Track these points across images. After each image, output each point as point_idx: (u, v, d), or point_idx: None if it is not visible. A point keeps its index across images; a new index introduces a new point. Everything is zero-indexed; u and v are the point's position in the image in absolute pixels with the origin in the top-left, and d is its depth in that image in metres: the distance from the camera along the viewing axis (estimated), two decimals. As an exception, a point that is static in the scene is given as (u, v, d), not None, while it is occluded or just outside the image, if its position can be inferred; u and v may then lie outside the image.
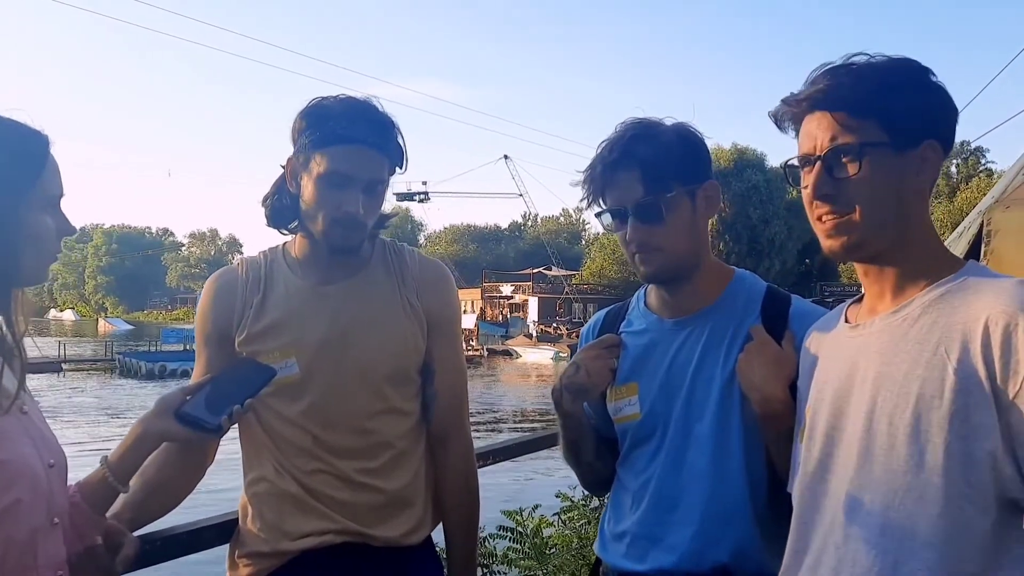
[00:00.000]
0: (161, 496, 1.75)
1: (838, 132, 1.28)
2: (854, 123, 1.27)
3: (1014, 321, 1.13)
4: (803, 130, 1.34)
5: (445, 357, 1.91)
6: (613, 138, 1.66)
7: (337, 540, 1.76)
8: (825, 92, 1.29)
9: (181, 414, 1.58)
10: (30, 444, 1.29)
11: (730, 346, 1.66)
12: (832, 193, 1.30)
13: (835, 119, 1.29)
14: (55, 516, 1.33)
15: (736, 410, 1.62)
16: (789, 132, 1.39)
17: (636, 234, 1.65)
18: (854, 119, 1.28)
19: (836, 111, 1.29)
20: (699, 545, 1.61)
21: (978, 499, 1.15)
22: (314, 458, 1.76)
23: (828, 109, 1.29)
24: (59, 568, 1.34)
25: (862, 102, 1.27)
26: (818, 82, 1.31)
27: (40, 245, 1.31)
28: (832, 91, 1.29)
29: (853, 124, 1.27)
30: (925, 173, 1.30)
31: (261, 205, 1.89)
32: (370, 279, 1.86)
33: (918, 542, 1.18)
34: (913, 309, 1.27)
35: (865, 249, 1.32)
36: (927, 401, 1.18)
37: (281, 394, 1.78)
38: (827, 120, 1.30)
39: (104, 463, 1.52)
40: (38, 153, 1.31)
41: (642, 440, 1.73)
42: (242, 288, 1.85)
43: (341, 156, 1.72)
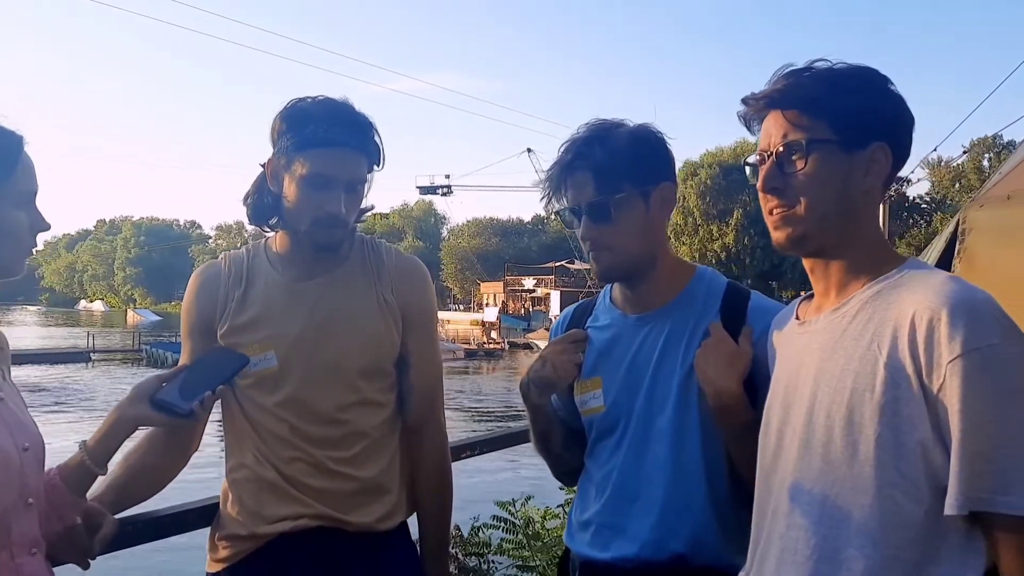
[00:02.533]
0: (144, 480, 1.82)
1: (790, 130, 1.33)
2: (806, 121, 1.32)
3: (937, 316, 1.17)
4: (762, 128, 1.39)
5: (420, 351, 1.97)
6: (570, 140, 1.71)
7: (312, 524, 1.82)
8: (781, 92, 1.35)
9: (155, 400, 1.64)
10: (4, 429, 1.36)
11: (689, 342, 1.70)
12: (780, 187, 1.35)
13: (787, 117, 1.34)
14: (29, 497, 1.40)
15: (694, 404, 1.67)
16: (756, 131, 1.44)
17: (588, 232, 1.70)
18: (806, 118, 1.32)
19: (789, 109, 1.34)
20: (658, 535, 1.66)
21: (910, 488, 1.19)
22: (291, 446, 1.83)
23: (782, 108, 1.35)
24: (34, 546, 1.42)
25: (814, 102, 1.32)
26: (777, 83, 1.36)
27: (13, 240, 1.39)
28: (788, 91, 1.34)
29: (804, 122, 1.32)
30: (873, 174, 1.34)
31: (242, 203, 1.96)
32: (347, 275, 1.92)
33: (853, 529, 1.23)
34: (852, 306, 1.32)
35: (808, 243, 1.36)
36: (860, 394, 1.23)
37: (261, 385, 1.85)
38: (781, 119, 1.35)
39: (83, 447, 1.60)
40: (10, 152, 1.38)
41: (606, 432, 1.78)
42: (224, 282, 1.92)
43: (322, 159, 1.78)
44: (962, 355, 1.14)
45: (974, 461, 1.13)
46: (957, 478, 1.14)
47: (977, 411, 1.13)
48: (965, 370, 1.14)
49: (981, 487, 1.13)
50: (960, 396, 1.14)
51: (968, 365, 1.14)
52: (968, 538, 1.18)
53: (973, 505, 1.14)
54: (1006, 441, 1.12)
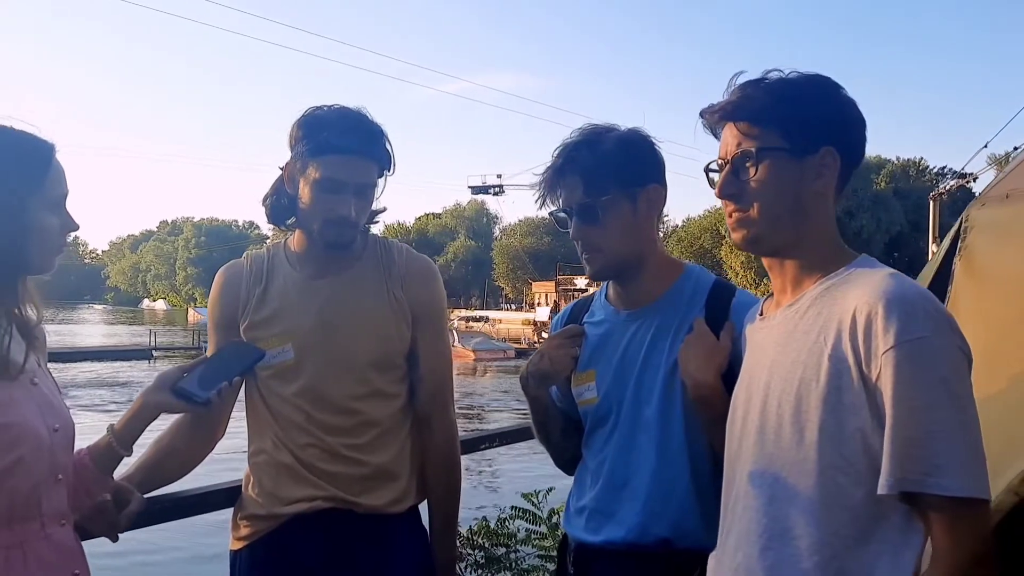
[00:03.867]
0: (171, 463, 1.97)
1: (742, 139, 1.43)
2: (756, 131, 1.41)
3: (874, 310, 1.25)
4: (721, 137, 1.48)
5: (429, 346, 2.08)
6: (562, 145, 1.81)
7: (325, 506, 1.95)
8: (733, 105, 1.44)
9: (176, 389, 1.79)
10: (36, 411, 1.51)
11: (675, 337, 1.79)
12: (735, 193, 1.44)
13: (739, 129, 1.43)
14: (58, 473, 1.55)
15: (679, 397, 1.75)
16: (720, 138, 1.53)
17: (578, 233, 1.80)
18: (756, 127, 1.42)
19: (740, 121, 1.43)
20: (644, 520, 1.75)
21: (851, 471, 1.28)
22: (307, 433, 1.96)
23: (733, 120, 1.44)
24: (63, 517, 1.57)
25: (763, 112, 1.41)
26: (731, 95, 1.45)
27: (45, 239, 1.53)
28: (738, 103, 1.43)
29: (755, 132, 1.42)
30: (824, 177, 1.42)
31: (261, 204, 2.10)
32: (359, 273, 2.05)
33: (799, 509, 1.32)
34: (803, 303, 1.41)
35: (763, 243, 1.45)
36: (807, 384, 1.32)
37: (279, 376, 1.98)
38: (734, 129, 1.44)
39: (110, 430, 1.75)
40: (43, 159, 1.53)
41: (599, 423, 1.87)
42: (246, 280, 2.06)
43: (334, 164, 1.91)
44: (895, 346, 1.22)
45: (905, 445, 1.21)
46: (889, 460, 1.22)
47: (908, 398, 1.21)
48: (897, 360, 1.22)
49: (912, 469, 1.20)
50: (893, 384, 1.22)
51: (900, 355, 1.22)
52: (907, 518, 1.26)
53: (904, 486, 1.21)
54: (935, 426, 1.20)
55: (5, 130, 1.52)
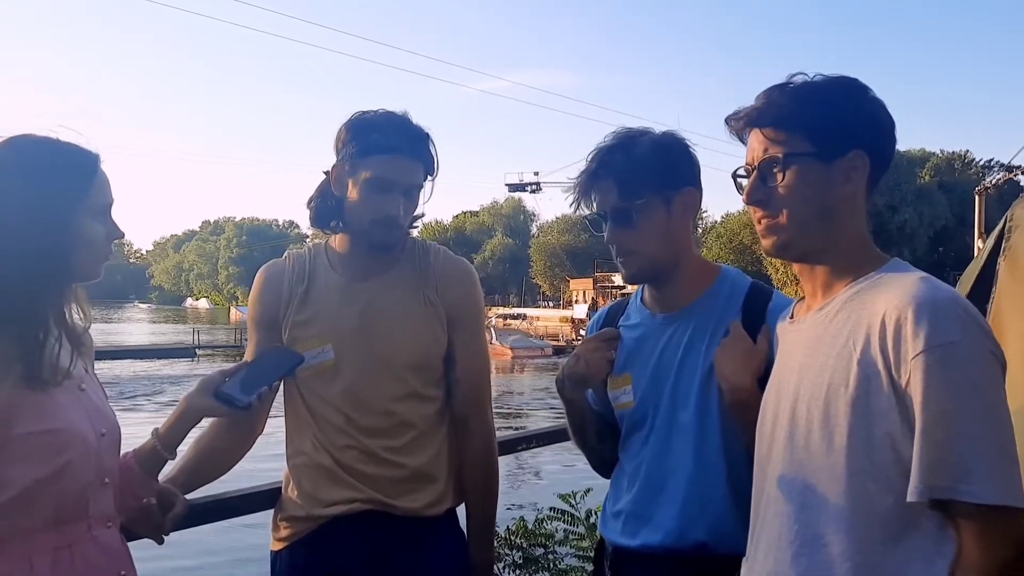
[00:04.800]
0: (212, 463, 2.01)
1: (769, 145, 1.42)
2: (783, 136, 1.41)
3: (904, 314, 1.24)
4: (747, 143, 1.48)
5: (465, 349, 2.09)
6: (596, 149, 1.81)
7: (363, 508, 1.97)
8: (758, 111, 1.43)
9: (218, 393, 1.82)
10: (84, 416, 1.55)
11: (711, 340, 1.78)
12: (763, 199, 1.44)
13: (766, 135, 1.42)
14: (105, 477, 1.59)
15: (715, 400, 1.74)
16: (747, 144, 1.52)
17: (612, 237, 1.80)
18: (783, 133, 1.41)
19: (766, 127, 1.42)
20: (681, 524, 1.74)
21: (880, 477, 1.27)
22: (345, 435, 1.98)
23: (759, 126, 1.43)
24: (109, 520, 1.61)
25: (789, 118, 1.40)
26: (756, 101, 1.45)
27: (91, 247, 1.57)
28: (764, 109, 1.43)
29: (782, 137, 1.41)
30: (853, 181, 1.41)
31: (306, 207, 2.13)
32: (397, 278, 2.07)
33: (830, 516, 1.31)
34: (833, 307, 1.39)
35: (792, 249, 1.45)
36: (835, 389, 1.31)
37: (319, 377, 2.01)
38: (760, 136, 1.43)
39: (154, 434, 1.79)
40: (88, 169, 1.57)
41: (635, 426, 1.87)
42: (288, 279, 2.09)
43: (384, 164, 1.94)
44: (924, 351, 1.21)
45: (935, 451, 1.19)
46: (919, 467, 1.21)
47: (938, 404, 1.20)
48: (927, 365, 1.20)
49: (942, 476, 1.19)
50: (922, 389, 1.21)
51: (930, 360, 1.20)
52: (940, 525, 1.24)
53: (934, 493, 1.20)
54: (965, 432, 1.18)
55: (51, 142, 1.56)
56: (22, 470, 1.44)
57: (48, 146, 1.56)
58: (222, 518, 2.04)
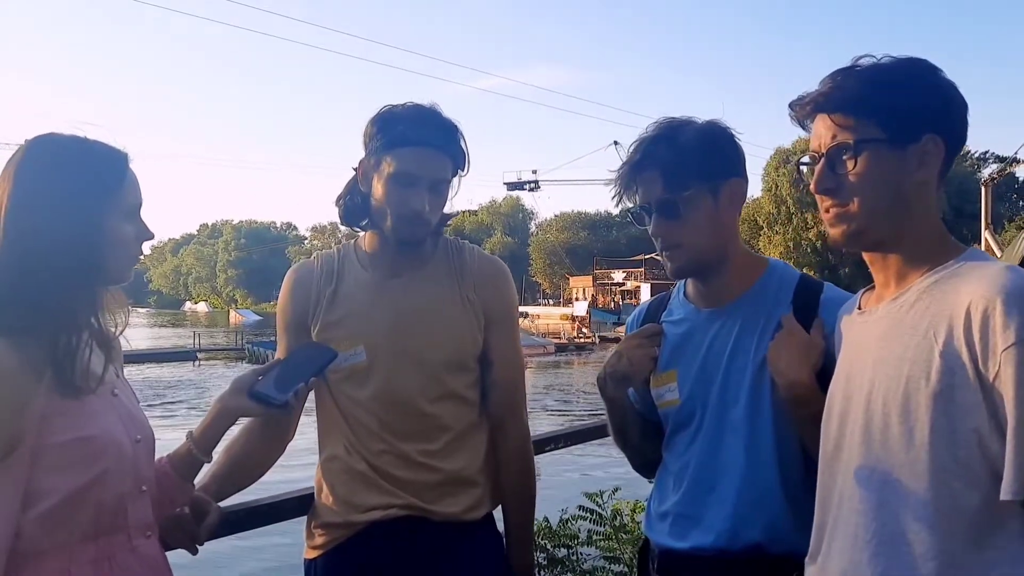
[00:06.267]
0: (244, 470, 1.95)
1: (838, 131, 1.36)
2: (852, 122, 1.34)
3: (992, 305, 1.18)
4: (812, 130, 1.42)
5: (501, 349, 2.03)
6: (639, 140, 1.75)
7: (401, 514, 1.91)
8: (826, 96, 1.37)
9: (253, 392, 1.75)
10: (118, 422, 1.50)
11: (762, 334, 1.72)
12: (833, 187, 1.38)
13: (834, 120, 1.36)
14: (142, 484, 1.54)
15: (767, 396, 1.69)
16: (809, 129, 1.46)
17: (658, 230, 1.74)
18: (852, 118, 1.35)
19: (835, 112, 1.36)
20: (734, 525, 1.69)
21: (965, 474, 1.20)
22: (380, 439, 1.93)
23: (827, 111, 1.37)
24: (148, 529, 1.55)
25: (859, 102, 1.34)
26: (822, 86, 1.39)
27: (122, 249, 1.51)
28: (832, 94, 1.37)
29: (851, 123, 1.35)
30: (926, 166, 1.35)
31: (335, 205, 2.07)
32: (431, 275, 2.01)
33: (911, 515, 1.25)
34: (910, 296, 1.33)
35: (864, 238, 1.39)
36: (915, 382, 1.25)
37: (352, 379, 1.95)
38: (828, 120, 1.37)
39: (189, 437, 1.73)
40: (118, 169, 1.51)
41: (682, 425, 1.81)
42: (317, 281, 2.03)
43: (408, 157, 1.87)
44: (1016, 343, 1.14)
45: None
46: (1012, 464, 1.15)
47: None
48: (1019, 358, 1.14)
49: None
50: (1014, 383, 1.14)
51: (1022, 353, 1.14)
52: None
53: None
54: None
55: (80, 140, 1.51)
56: (58, 480, 1.39)
57: (77, 145, 1.50)
58: (256, 526, 1.99)
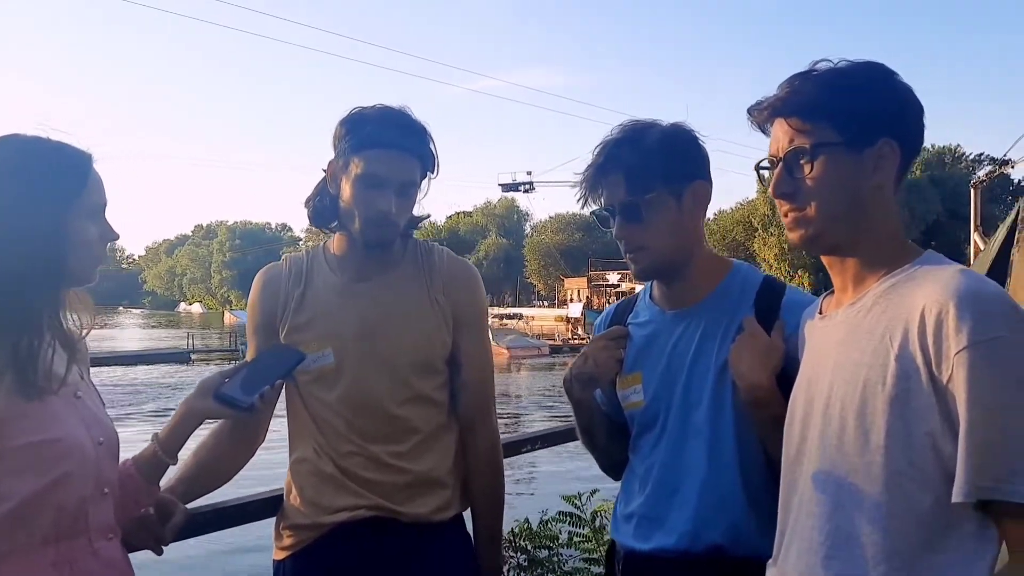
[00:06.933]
0: (212, 472, 1.95)
1: (795, 136, 1.36)
2: (808, 127, 1.35)
3: (945, 309, 1.19)
4: (771, 134, 1.42)
5: (470, 351, 2.04)
6: (603, 143, 1.76)
7: (368, 515, 1.92)
8: (782, 100, 1.38)
9: (219, 395, 1.75)
10: (81, 424, 1.49)
11: (724, 337, 1.73)
12: (790, 191, 1.38)
13: (791, 124, 1.37)
14: (105, 487, 1.53)
15: (729, 399, 1.69)
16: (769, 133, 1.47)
17: (622, 232, 1.75)
18: (809, 123, 1.35)
19: (791, 117, 1.37)
20: (695, 527, 1.70)
21: (919, 477, 1.22)
22: (348, 441, 1.93)
23: (784, 116, 1.38)
24: (110, 531, 1.55)
25: (815, 107, 1.35)
26: (779, 90, 1.39)
27: (86, 250, 1.51)
28: (789, 98, 1.37)
29: (808, 128, 1.35)
30: (882, 170, 1.36)
31: (304, 206, 2.07)
32: (400, 277, 2.01)
33: (865, 517, 1.26)
34: (867, 300, 1.34)
35: (821, 242, 1.39)
36: (872, 387, 1.26)
37: (320, 382, 1.95)
38: (785, 126, 1.38)
39: (154, 439, 1.73)
40: (80, 170, 1.51)
41: (647, 426, 1.82)
42: (285, 283, 2.03)
43: (376, 159, 1.88)
44: (968, 347, 1.15)
45: (981, 450, 1.14)
46: (964, 466, 1.16)
47: (984, 401, 1.15)
48: (971, 361, 1.15)
49: (988, 475, 1.14)
50: (967, 387, 1.15)
51: (974, 356, 1.15)
52: (981, 526, 1.19)
53: (980, 494, 1.15)
54: (1013, 430, 1.14)
55: (42, 141, 1.50)
56: (18, 483, 1.39)
57: (39, 145, 1.50)
58: (221, 527, 1.99)
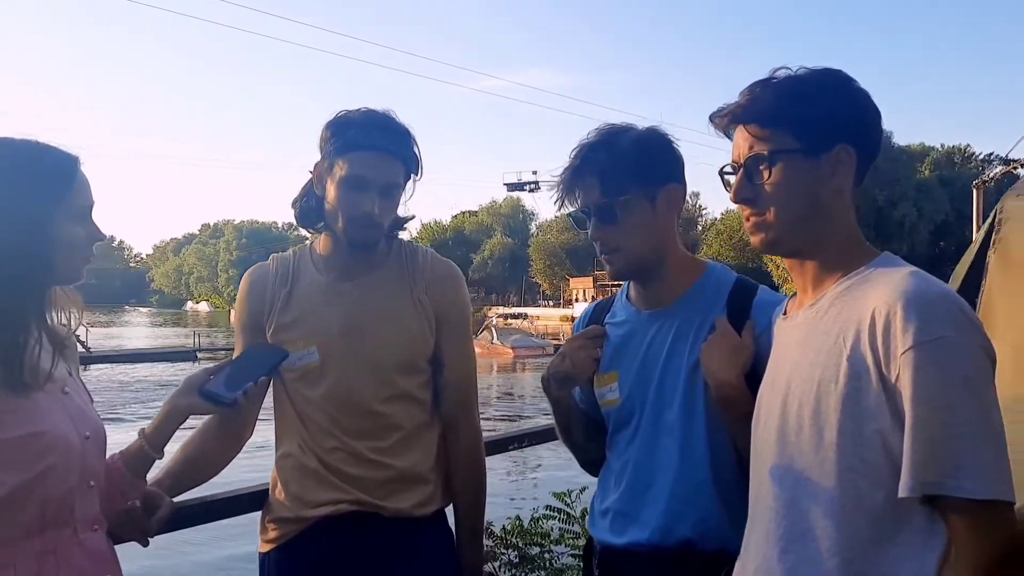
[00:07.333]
0: (199, 467, 2.00)
1: (754, 142, 1.41)
2: (767, 133, 1.39)
3: (893, 310, 1.23)
4: (733, 140, 1.46)
5: (453, 351, 2.08)
6: (579, 146, 1.80)
7: (350, 509, 1.96)
8: (742, 108, 1.42)
9: (203, 391, 1.80)
10: (67, 419, 1.54)
11: (696, 336, 1.77)
12: (750, 197, 1.43)
13: (750, 131, 1.41)
14: (90, 480, 1.58)
15: (701, 397, 1.73)
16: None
17: (597, 233, 1.79)
18: (767, 130, 1.39)
19: (750, 124, 1.41)
20: (667, 522, 1.74)
21: (870, 473, 1.26)
22: (332, 437, 1.97)
23: (743, 123, 1.42)
24: (96, 523, 1.60)
25: (773, 114, 1.39)
26: (740, 98, 1.43)
27: (72, 251, 1.56)
28: (748, 106, 1.41)
29: (766, 134, 1.39)
30: (840, 174, 1.39)
31: (291, 207, 2.11)
32: (384, 277, 2.05)
33: (819, 512, 1.30)
34: (824, 302, 1.38)
35: (781, 246, 1.43)
36: (826, 386, 1.30)
37: (305, 379, 2.00)
38: (745, 133, 1.42)
39: (141, 434, 1.77)
40: (67, 171, 1.56)
41: (622, 424, 1.86)
42: (272, 282, 2.08)
43: (359, 161, 1.92)
44: (913, 347, 1.19)
45: (926, 446, 1.18)
46: (909, 462, 1.20)
47: (928, 399, 1.18)
48: (916, 361, 1.19)
49: (933, 471, 1.18)
50: (912, 385, 1.19)
51: (919, 356, 1.19)
52: (930, 520, 1.23)
53: (925, 489, 1.19)
54: (956, 427, 1.17)
55: (29, 144, 1.55)
56: (4, 475, 1.43)
57: (26, 149, 1.54)
58: (208, 520, 2.04)
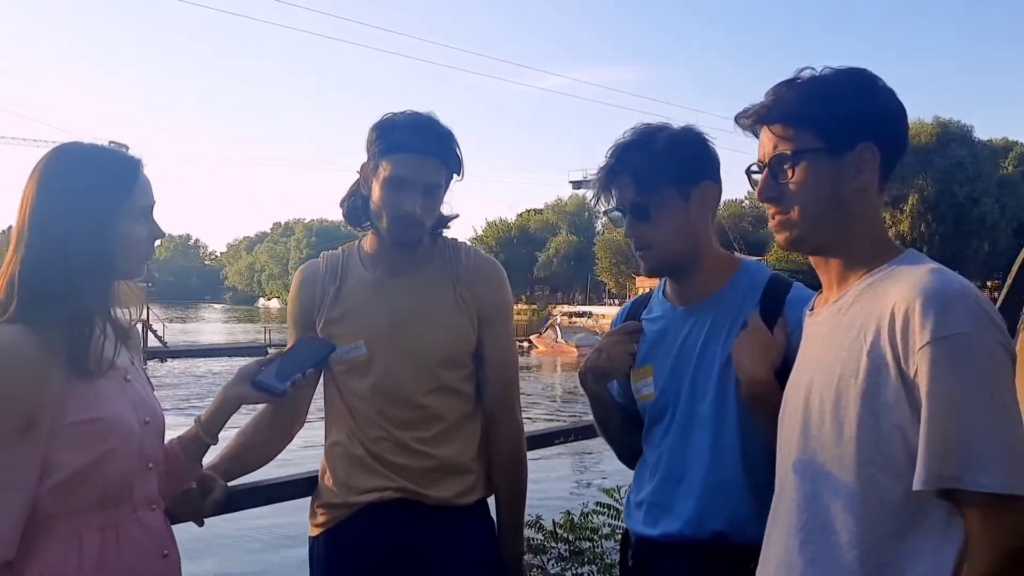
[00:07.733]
0: (253, 454, 2.11)
1: (778, 142, 1.44)
2: (791, 133, 1.42)
3: (912, 306, 1.25)
4: (759, 140, 1.49)
5: (494, 347, 2.15)
6: (614, 145, 1.85)
7: (395, 496, 2.04)
8: (767, 108, 1.45)
9: (255, 382, 1.91)
10: (128, 405, 1.66)
11: (729, 333, 1.79)
12: (775, 196, 1.46)
13: (774, 132, 1.44)
14: (149, 462, 1.70)
15: (732, 393, 1.76)
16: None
17: (631, 231, 1.83)
18: (791, 130, 1.42)
19: (774, 124, 1.44)
20: (699, 514, 1.77)
21: (890, 468, 1.28)
22: (378, 427, 2.06)
23: (768, 123, 1.45)
24: (153, 503, 1.71)
25: (797, 114, 1.42)
26: (765, 98, 1.46)
27: (134, 248, 1.68)
28: (772, 107, 1.44)
29: (790, 134, 1.42)
30: (864, 173, 1.41)
31: (339, 206, 2.21)
32: (428, 274, 2.13)
33: (840, 506, 1.33)
34: (847, 298, 1.41)
35: (806, 244, 1.46)
36: (846, 381, 1.33)
37: (353, 372, 2.09)
38: (769, 133, 1.45)
39: (196, 421, 1.89)
40: (130, 173, 1.68)
41: (657, 418, 1.90)
42: (322, 279, 2.18)
43: (402, 162, 2.00)
44: (931, 342, 1.21)
45: (941, 440, 1.20)
46: (925, 456, 1.21)
47: (945, 394, 1.20)
48: (934, 356, 1.21)
49: (948, 465, 1.19)
50: (929, 380, 1.21)
51: (937, 352, 1.21)
52: (948, 515, 1.24)
53: (941, 482, 1.20)
54: (972, 422, 1.19)
55: (98, 148, 1.69)
56: (70, 456, 1.55)
57: (94, 153, 1.68)
58: (260, 504, 2.14)
